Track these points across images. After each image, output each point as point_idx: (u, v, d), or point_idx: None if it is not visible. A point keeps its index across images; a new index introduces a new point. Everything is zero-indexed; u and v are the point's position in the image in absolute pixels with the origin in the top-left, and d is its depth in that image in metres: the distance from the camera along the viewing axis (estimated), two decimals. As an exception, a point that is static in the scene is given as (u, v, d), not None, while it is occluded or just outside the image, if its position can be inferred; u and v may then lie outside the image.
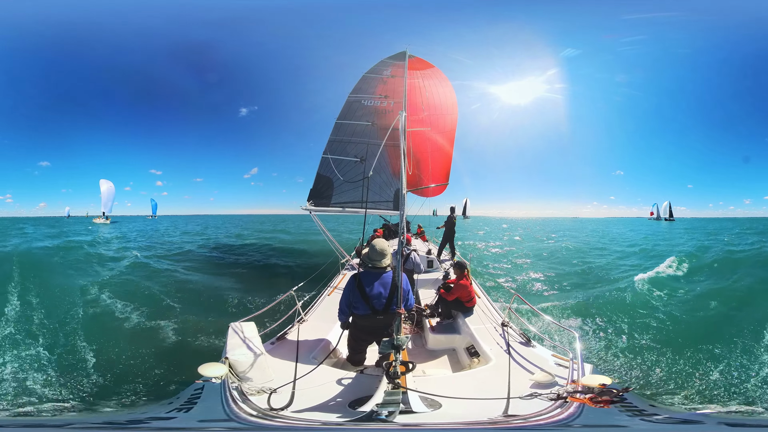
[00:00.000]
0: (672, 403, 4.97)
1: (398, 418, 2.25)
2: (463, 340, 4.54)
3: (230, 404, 2.42)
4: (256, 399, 2.61)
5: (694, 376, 5.65)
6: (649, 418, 2.42)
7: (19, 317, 7.71)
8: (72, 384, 5.27)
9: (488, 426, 2.29)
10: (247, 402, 2.51)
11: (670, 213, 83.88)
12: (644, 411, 2.44)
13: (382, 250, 3.54)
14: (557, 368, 3.22)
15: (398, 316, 3.40)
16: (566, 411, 2.29)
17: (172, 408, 2.73)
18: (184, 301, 9.57)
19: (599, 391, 2.24)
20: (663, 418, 2.56)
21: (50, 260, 14.38)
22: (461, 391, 2.79)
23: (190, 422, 2.54)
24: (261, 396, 2.69)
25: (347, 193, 8.02)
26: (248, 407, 2.45)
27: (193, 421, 2.55)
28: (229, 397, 2.48)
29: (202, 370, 2.46)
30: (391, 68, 8.71)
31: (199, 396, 2.67)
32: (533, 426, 2.22)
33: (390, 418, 2.22)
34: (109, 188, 64.02)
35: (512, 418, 2.34)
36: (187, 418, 2.54)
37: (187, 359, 5.85)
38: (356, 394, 2.85)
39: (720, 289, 10.43)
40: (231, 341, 3.15)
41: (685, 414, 3.59)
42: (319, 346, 3.91)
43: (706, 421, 2.87)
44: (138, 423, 3.13)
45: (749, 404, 4.86)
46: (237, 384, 2.69)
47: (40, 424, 3.59)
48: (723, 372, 5.73)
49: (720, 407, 4.81)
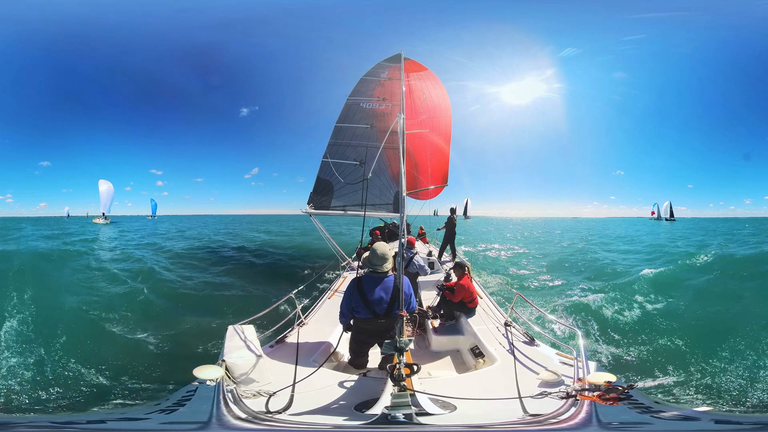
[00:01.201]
0: (673, 399, 4.99)
1: (414, 419, 2.23)
2: (467, 341, 4.53)
3: (220, 407, 2.35)
4: (252, 402, 2.57)
5: (702, 374, 5.65)
6: (657, 415, 2.42)
7: (12, 318, 7.52)
8: (54, 387, 5.13)
9: (513, 428, 2.28)
10: (239, 405, 2.45)
11: (670, 213, 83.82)
12: (650, 408, 2.45)
13: (383, 254, 3.52)
14: (562, 367, 3.21)
15: (400, 319, 3.40)
16: (582, 410, 2.28)
17: (156, 410, 2.66)
18: (181, 303, 9.48)
19: (606, 388, 2.29)
20: (671, 416, 2.57)
21: (44, 261, 14.12)
22: (470, 392, 2.79)
23: (152, 424, 2.45)
24: (258, 399, 2.65)
25: (347, 196, 8.06)
26: (239, 410, 2.39)
27: (155, 423, 2.44)
28: (221, 400, 2.41)
29: (198, 372, 2.45)
30: (388, 71, 8.76)
31: (190, 398, 2.59)
32: (561, 428, 2.19)
33: (404, 420, 2.21)
34: (108, 188, 63.98)
35: (536, 417, 2.33)
36: (160, 420, 2.43)
37: (183, 362, 5.68)
38: (360, 396, 2.82)
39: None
40: (229, 343, 3.13)
41: (686, 411, 3.60)
42: (320, 349, 3.87)
43: (703, 417, 2.88)
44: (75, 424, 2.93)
45: (743, 403, 4.89)
46: (232, 387, 2.64)
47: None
48: (728, 370, 5.74)
49: (724, 405, 4.84)
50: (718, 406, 4.86)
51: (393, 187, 8.19)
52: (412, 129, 7.94)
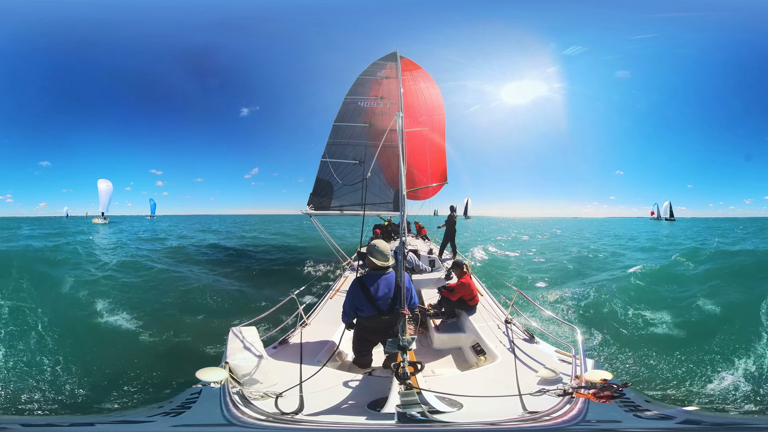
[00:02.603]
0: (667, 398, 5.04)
1: (425, 417, 2.26)
2: (469, 339, 4.56)
3: (230, 408, 2.32)
4: (261, 403, 2.55)
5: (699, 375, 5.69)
6: (643, 414, 2.47)
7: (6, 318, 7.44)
8: (46, 387, 5.10)
9: (512, 425, 2.32)
10: (250, 406, 2.44)
11: (670, 213, 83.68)
12: (639, 407, 2.49)
13: (384, 248, 3.58)
14: (561, 364, 3.27)
15: (402, 317, 3.44)
16: (575, 407, 2.33)
17: (160, 412, 2.62)
18: (180, 304, 9.35)
19: (601, 386, 2.33)
20: (655, 414, 2.61)
21: (38, 261, 13.82)
22: (474, 390, 2.84)
23: (162, 426, 2.41)
24: (266, 400, 2.63)
25: (347, 195, 8.07)
26: (252, 411, 2.37)
27: (164, 425, 2.40)
28: (230, 401, 2.39)
29: (200, 374, 2.42)
30: (384, 70, 8.77)
31: (195, 401, 2.57)
32: (552, 425, 2.24)
33: (422, 418, 2.24)
34: (108, 188, 63.67)
35: (534, 415, 2.38)
36: (167, 422, 2.40)
37: (184, 364, 5.70)
38: (368, 395, 2.84)
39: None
40: (231, 345, 3.12)
41: (675, 410, 3.64)
42: (323, 349, 3.87)
43: (691, 416, 2.91)
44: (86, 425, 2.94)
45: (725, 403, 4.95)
46: (238, 389, 2.62)
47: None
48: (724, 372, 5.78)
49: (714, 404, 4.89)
50: (703, 404, 4.92)
51: (392, 186, 8.21)
52: (409, 127, 7.96)
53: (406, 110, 8.18)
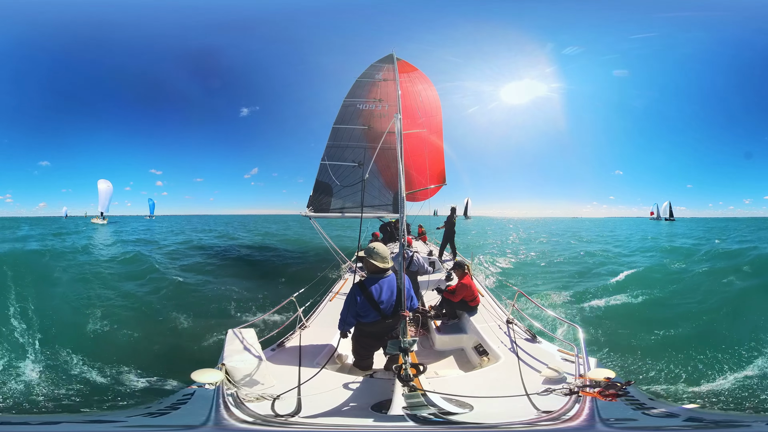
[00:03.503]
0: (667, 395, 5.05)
1: (440, 419, 2.24)
2: (470, 340, 4.54)
3: (219, 410, 2.28)
4: (256, 406, 2.53)
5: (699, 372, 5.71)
6: (650, 412, 2.48)
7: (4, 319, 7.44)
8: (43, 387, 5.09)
9: (527, 428, 2.29)
10: (241, 408, 2.40)
11: (670, 213, 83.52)
12: (645, 405, 2.50)
13: (383, 254, 3.53)
14: (564, 363, 3.25)
15: (403, 319, 3.41)
16: (585, 406, 2.31)
17: (143, 413, 2.58)
18: (178, 305, 9.28)
19: (605, 384, 2.33)
20: (661, 412, 2.61)
21: (36, 261, 13.87)
22: (479, 390, 2.82)
23: (131, 427, 2.37)
24: (262, 403, 2.61)
25: (347, 198, 8.09)
26: (243, 414, 2.32)
27: (136, 425, 2.37)
28: (221, 403, 2.35)
29: (196, 376, 2.40)
30: (382, 72, 8.79)
31: (185, 402, 2.54)
32: (570, 427, 2.22)
33: (429, 420, 2.22)
34: (107, 187, 63.43)
35: (549, 414, 2.36)
36: (142, 422, 2.36)
37: (180, 365, 5.62)
38: (370, 397, 2.80)
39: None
40: (229, 347, 3.08)
41: (678, 408, 3.65)
42: (323, 352, 3.83)
43: (692, 414, 2.92)
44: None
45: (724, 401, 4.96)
46: (233, 390, 2.59)
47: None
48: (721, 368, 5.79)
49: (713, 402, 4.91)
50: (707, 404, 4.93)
51: (391, 188, 8.21)
52: (407, 129, 7.96)
53: (404, 112, 8.19)
